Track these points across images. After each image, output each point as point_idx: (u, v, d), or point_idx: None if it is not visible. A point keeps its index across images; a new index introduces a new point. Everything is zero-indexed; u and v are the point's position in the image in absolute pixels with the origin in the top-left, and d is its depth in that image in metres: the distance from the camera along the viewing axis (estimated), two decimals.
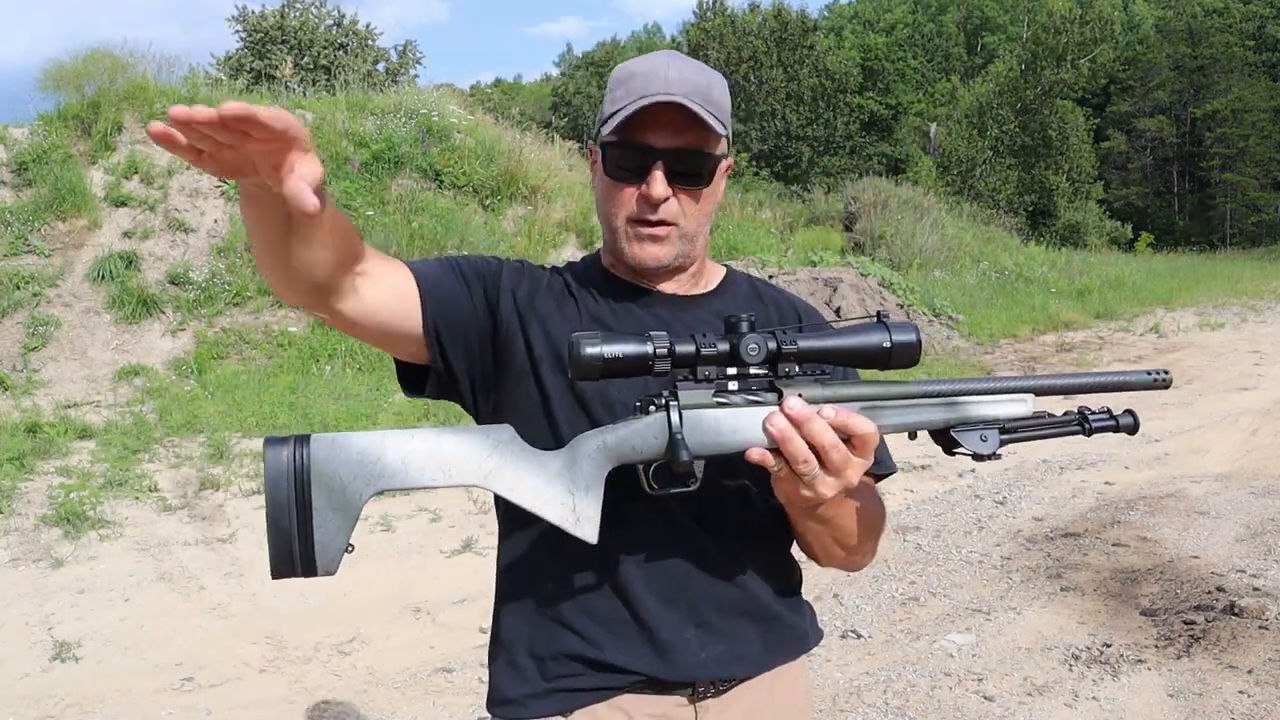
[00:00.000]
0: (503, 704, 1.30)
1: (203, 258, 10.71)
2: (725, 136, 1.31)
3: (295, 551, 0.99)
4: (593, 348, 1.05)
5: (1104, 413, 1.19)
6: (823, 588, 4.66)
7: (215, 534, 5.50)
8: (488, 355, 1.31)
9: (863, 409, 1.11)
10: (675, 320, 1.34)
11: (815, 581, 4.60)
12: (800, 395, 1.09)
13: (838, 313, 12.18)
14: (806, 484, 1.08)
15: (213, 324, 10.05)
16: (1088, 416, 1.17)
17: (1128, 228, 35.84)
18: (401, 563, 5.08)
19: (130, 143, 11.42)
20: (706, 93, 1.26)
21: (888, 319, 1.11)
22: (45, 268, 10.01)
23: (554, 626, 1.28)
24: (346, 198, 11.61)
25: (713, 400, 1.09)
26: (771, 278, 12.49)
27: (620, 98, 1.27)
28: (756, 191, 21.34)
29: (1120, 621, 4.18)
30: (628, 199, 1.28)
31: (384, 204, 11.73)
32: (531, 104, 41.73)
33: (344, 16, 27.31)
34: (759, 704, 1.32)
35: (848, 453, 1.08)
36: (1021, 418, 1.16)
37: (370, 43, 27.41)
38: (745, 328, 1.09)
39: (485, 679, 1.37)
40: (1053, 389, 1.18)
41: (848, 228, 17.00)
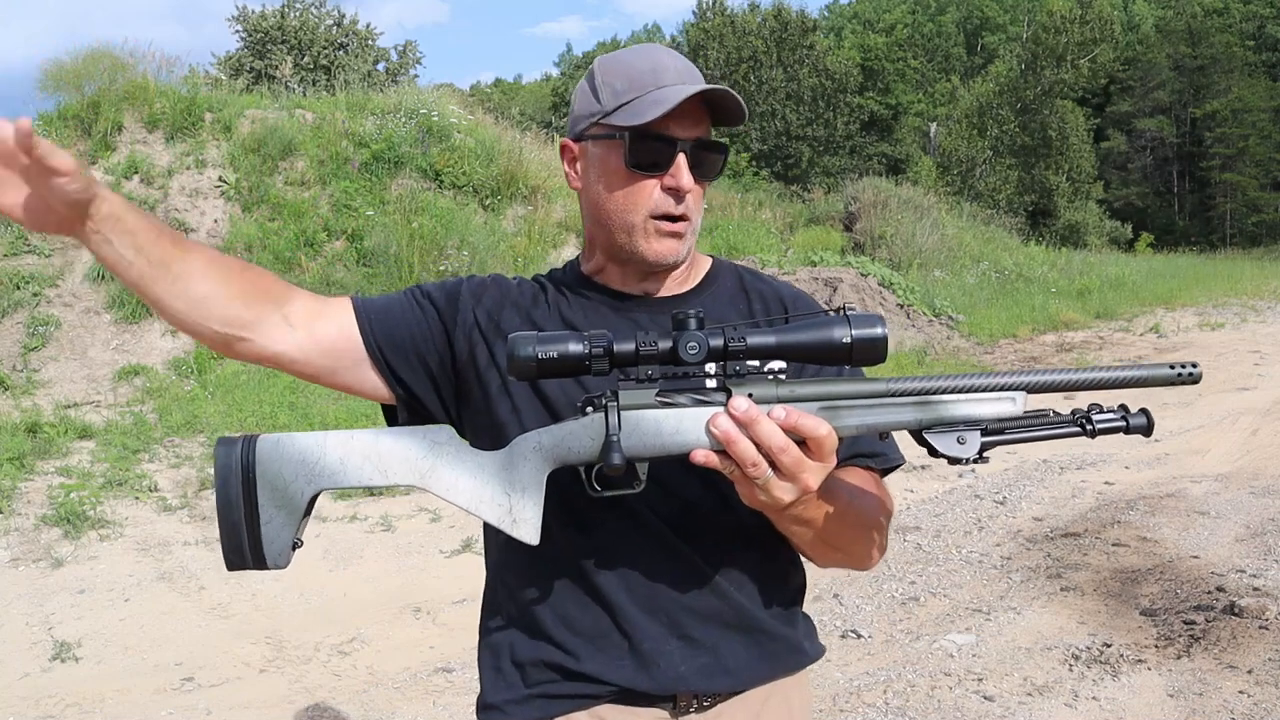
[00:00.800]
0: (486, 709, 1.29)
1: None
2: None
3: (245, 545, 1.04)
4: (526, 348, 1.02)
5: (1111, 412, 1.06)
6: (823, 588, 4.66)
7: (215, 534, 5.49)
8: (448, 374, 1.28)
9: (820, 409, 1.03)
10: (653, 324, 1.28)
11: (815, 582, 4.59)
12: (750, 395, 1.02)
13: (838, 313, 12.19)
14: (760, 488, 1.02)
15: None
16: (1091, 416, 1.05)
17: (1128, 228, 35.84)
18: (401, 563, 5.08)
19: (130, 143, 11.42)
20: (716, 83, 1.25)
21: (851, 311, 1.05)
22: (45, 268, 10.02)
23: (534, 634, 1.25)
24: (347, 197, 11.62)
25: (655, 400, 1.04)
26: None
27: (624, 90, 1.22)
28: (756, 191, 21.33)
29: (1120, 621, 4.17)
30: (648, 192, 1.23)
31: (384, 204, 11.73)
32: (531, 104, 41.73)
33: (344, 16, 27.32)
34: None
35: (801, 456, 1.01)
36: (1008, 418, 1.06)
37: (370, 43, 27.42)
38: (693, 324, 1.03)
39: None
40: (1050, 385, 1.06)
41: (848, 228, 17.00)
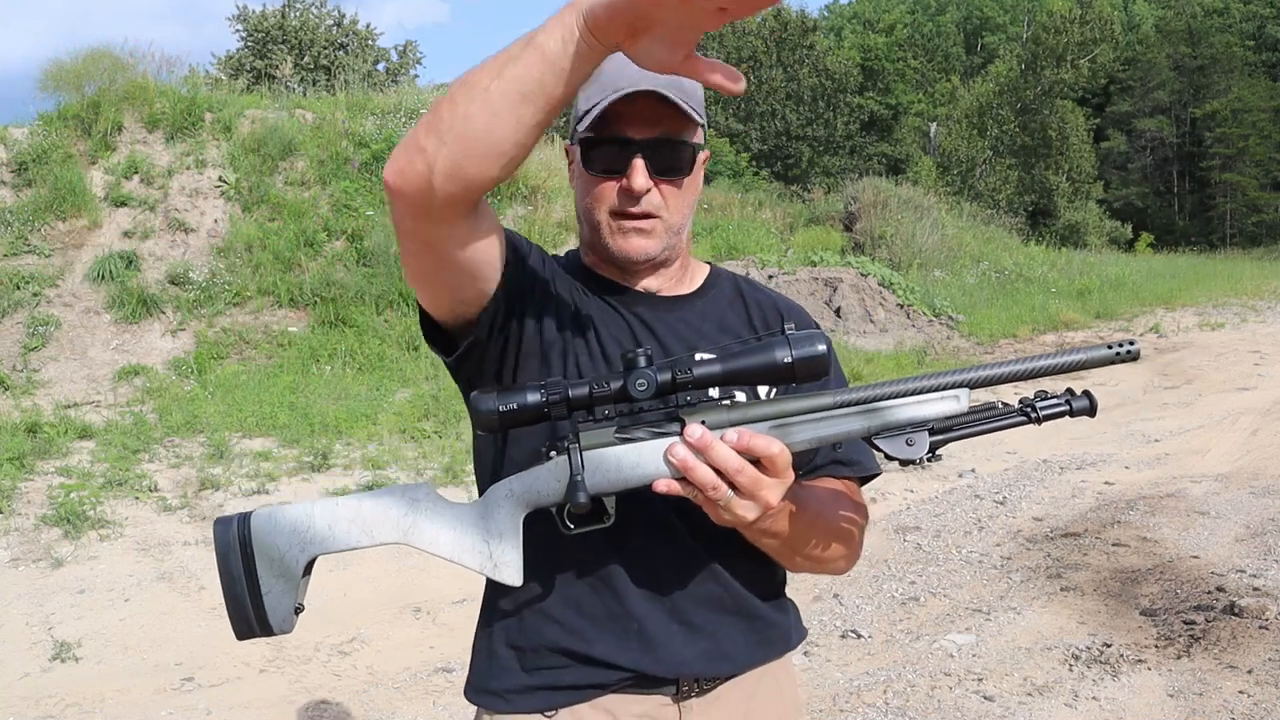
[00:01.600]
0: (483, 693, 1.31)
1: (203, 258, 10.72)
2: (701, 125, 1.29)
3: (250, 616, 1.11)
4: (487, 403, 1.07)
5: (1055, 397, 1.10)
6: (823, 588, 4.66)
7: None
8: (512, 329, 1.29)
9: (772, 428, 1.08)
10: (658, 322, 1.33)
11: (815, 581, 4.60)
12: (704, 421, 1.07)
13: (838, 313, 12.20)
14: (723, 508, 1.07)
15: (213, 324, 10.05)
16: (1035, 404, 1.09)
17: (1128, 228, 35.83)
18: (401, 563, 5.08)
19: (130, 143, 11.43)
20: (679, 82, 1.21)
21: (791, 331, 1.08)
22: (45, 268, 10.02)
23: (539, 618, 1.28)
24: (347, 197, 11.62)
25: (614, 438, 1.09)
26: (771, 278, 12.50)
27: (593, 94, 1.24)
28: (756, 191, 21.32)
29: (1120, 621, 4.18)
30: (608, 193, 1.27)
31: (384, 204, 11.72)
32: None
33: (344, 16, 27.36)
34: (743, 703, 1.32)
35: (757, 474, 1.05)
36: (954, 415, 1.10)
37: (370, 43, 27.44)
38: (642, 363, 1.07)
39: None
40: (990, 379, 1.10)
41: (848, 228, 16.99)
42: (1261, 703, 3.39)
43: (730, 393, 1.14)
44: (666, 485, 1.06)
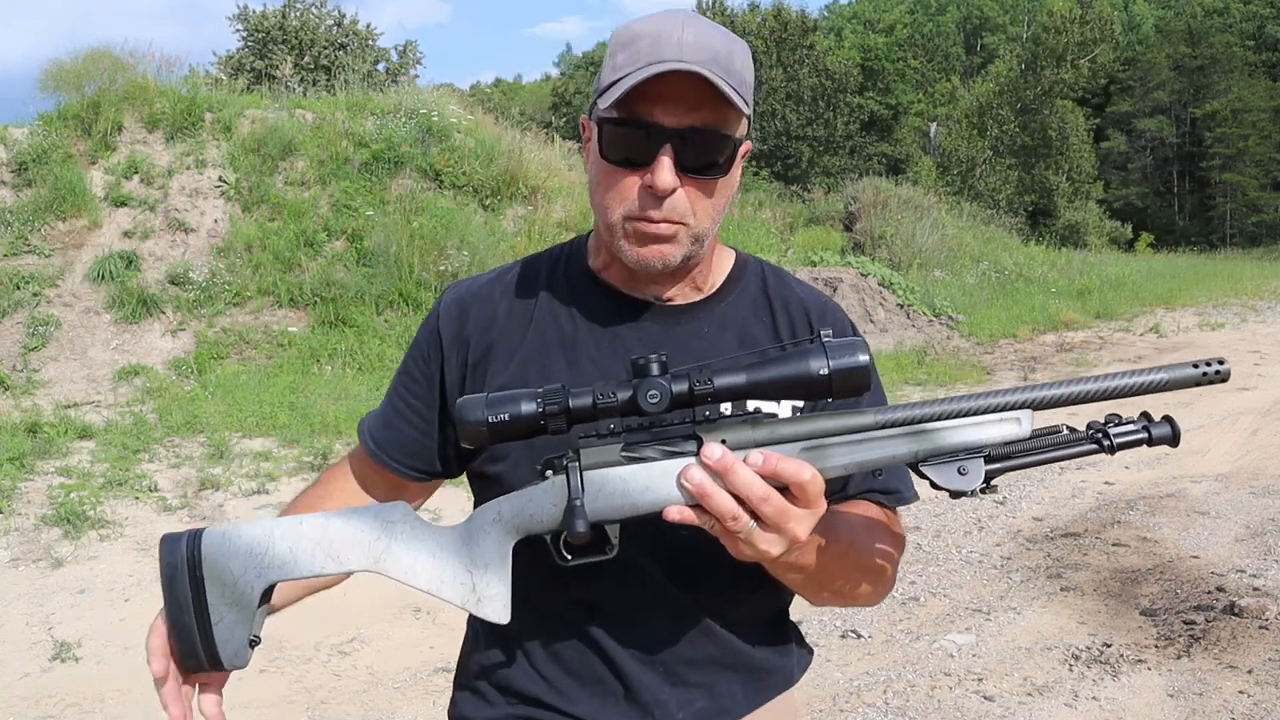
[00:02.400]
0: None
1: (203, 258, 10.71)
2: (747, 116, 1.10)
3: (198, 648, 0.99)
4: (475, 412, 0.94)
5: (1130, 423, 0.95)
6: None
7: None
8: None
9: (803, 450, 0.94)
10: (667, 337, 1.17)
11: None
12: (724, 440, 0.93)
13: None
14: (744, 542, 0.92)
15: (213, 324, 10.05)
16: (1108, 430, 0.94)
17: (1128, 228, 35.84)
18: None
19: (130, 143, 11.42)
20: (728, 62, 1.05)
21: (828, 338, 0.93)
22: (45, 268, 10.02)
23: (522, 666, 1.19)
24: (347, 197, 11.62)
25: (620, 457, 0.95)
26: None
27: (623, 64, 1.05)
28: (756, 191, 21.32)
29: (1120, 621, 4.18)
30: (628, 190, 1.08)
31: (384, 204, 11.73)
32: (531, 104, 41.73)
33: (344, 16, 27.35)
34: None
35: (784, 504, 0.91)
36: (1015, 441, 0.95)
37: (371, 43, 27.43)
38: (654, 369, 0.93)
39: None
40: (1058, 399, 0.94)
41: (848, 228, 17.00)
42: (1261, 703, 3.39)
43: (755, 408, 0.98)
44: (679, 513, 0.92)
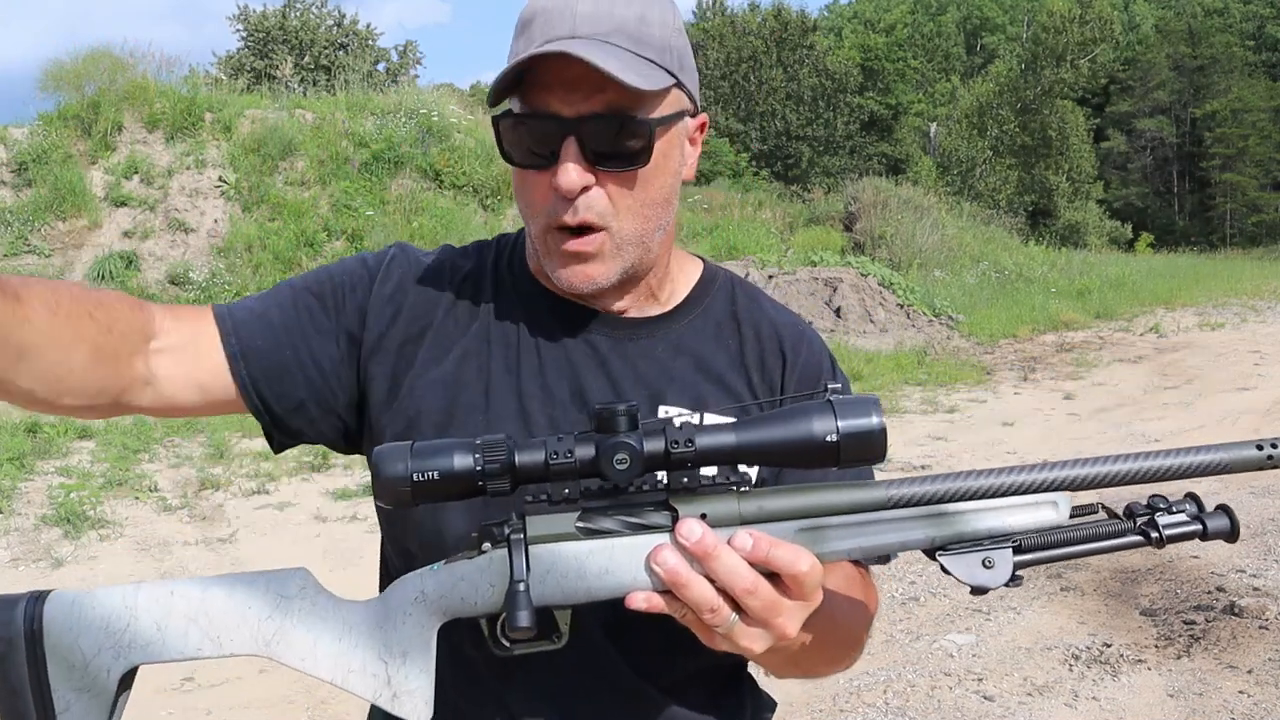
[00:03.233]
0: None
1: (203, 258, 10.72)
2: (678, 86, 0.94)
3: None
4: (395, 466, 0.76)
5: (1180, 513, 0.81)
6: None
7: (215, 534, 5.50)
8: (352, 411, 1.02)
9: (800, 531, 0.78)
10: (615, 354, 1.00)
11: None
12: (704, 515, 0.77)
13: (838, 313, 12.18)
14: (722, 635, 0.77)
15: None
16: (1156, 520, 0.81)
17: (1128, 228, 35.88)
18: None
19: (130, 143, 11.43)
20: (638, 29, 0.91)
21: (838, 396, 0.78)
22: (45, 268, 10.02)
23: None
24: (347, 197, 11.63)
25: (576, 529, 0.79)
26: (771, 278, 12.48)
27: (518, 50, 0.91)
28: (756, 191, 21.35)
29: (1120, 621, 4.18)
30: (541, 194, 0.93)
31: (384, 204, 11.74)
32: None
33: (344, 16, 27.37)
34: None
35: (775, 596, 0.76)
36: (1050, 528, 0.80)
37: (371, 43, 27.46)
38: (623, 423, 0.76)
39: None
40: (1099, 479, 0.79)
41: (848, 228, 17.00)
42: (1261, 703, 3.39)
43: (741, 474, 0.81)
44: (646, 601, 0.76)
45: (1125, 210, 40.48)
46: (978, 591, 0.80)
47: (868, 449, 0.76)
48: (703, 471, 0.79)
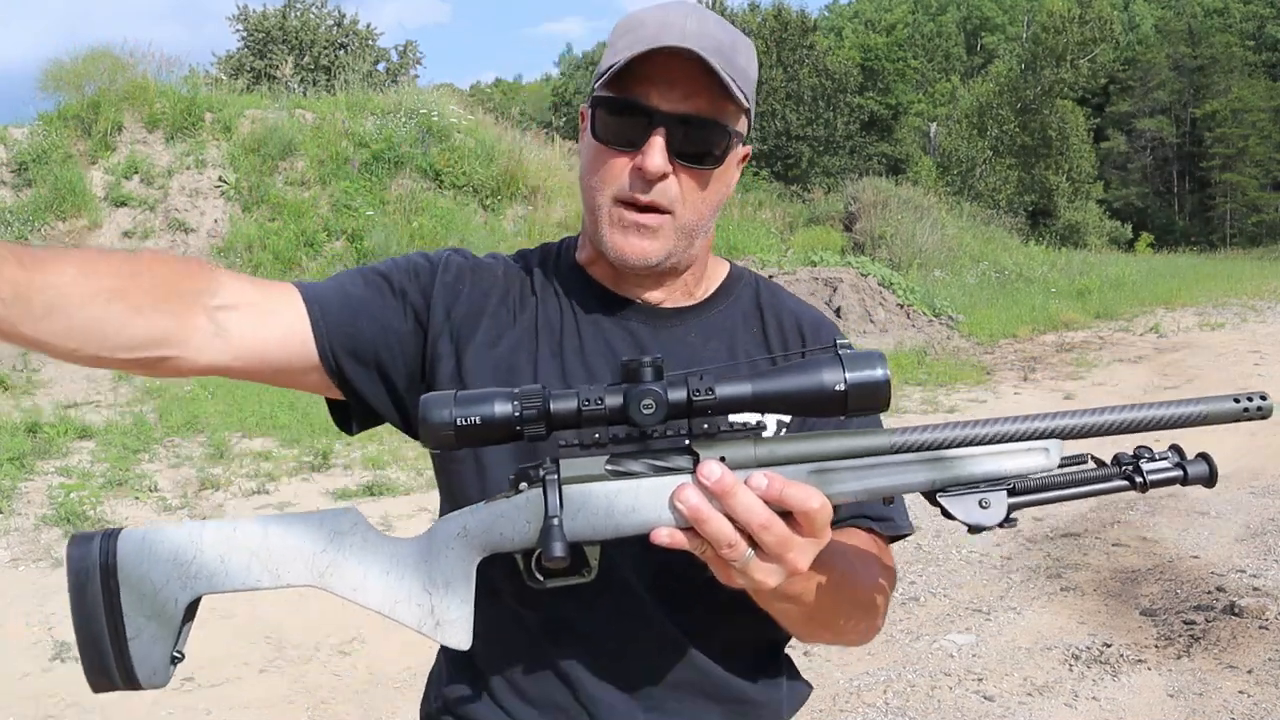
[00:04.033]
0: None
1: (203, 257, 10.72)
2: (747, 112, 1.07)
3: (110, 664, 0.89)
4: (441, 412, 0.84)
5: (1163, 459, 0.89)
6: None
7: None
8: (417, 387, 1.11)
9: (811, 473, 0.86)
10: (653, 339, 1.12)
11: None
12: (723, 458, 0.85)
13: (838, 313, 12.19)
14: (738, 571, 0.85)
15: None
16: (1140, 465, 0.88)
17: (1128, 228, 35.84)
18: None
19: (130, 143, 11.43)
20: (731, 54, 1.03)
21: (846, 349, 0.86)
22: None
23: (486, 700, 1.12)
24: (347, 197, 11.63)
25: (605, 470, 0.87)
26: (771, 278, 12.47)
27: (623, 48, 1.03)
28: (756, 191, 21.35)
29: (1120, 621, 4.18)
30: (617, 172, 1.05)
31: (384, 204, 11.74)
32: (531, 104, 41.71)
33: (344, 16, 27.36)
34: None
35: (787, 533, 0.83)
36: (1042, 473, 0.88)
37: (371, 43, 27.45)
38: (649, 374, 0.84)
39: None
40: (1089, 429, 0.88)
41: (848, 228, 17.00)
42: (1261, 703, 3.39)
43: (758, 421, 0.90)
44: (669, 536, 0.84)
45: (1125, 210, 40.46)
46: (975, 530, 0.87)
47: (873, 398, 0.84)
48: (729, 419, 0.87)
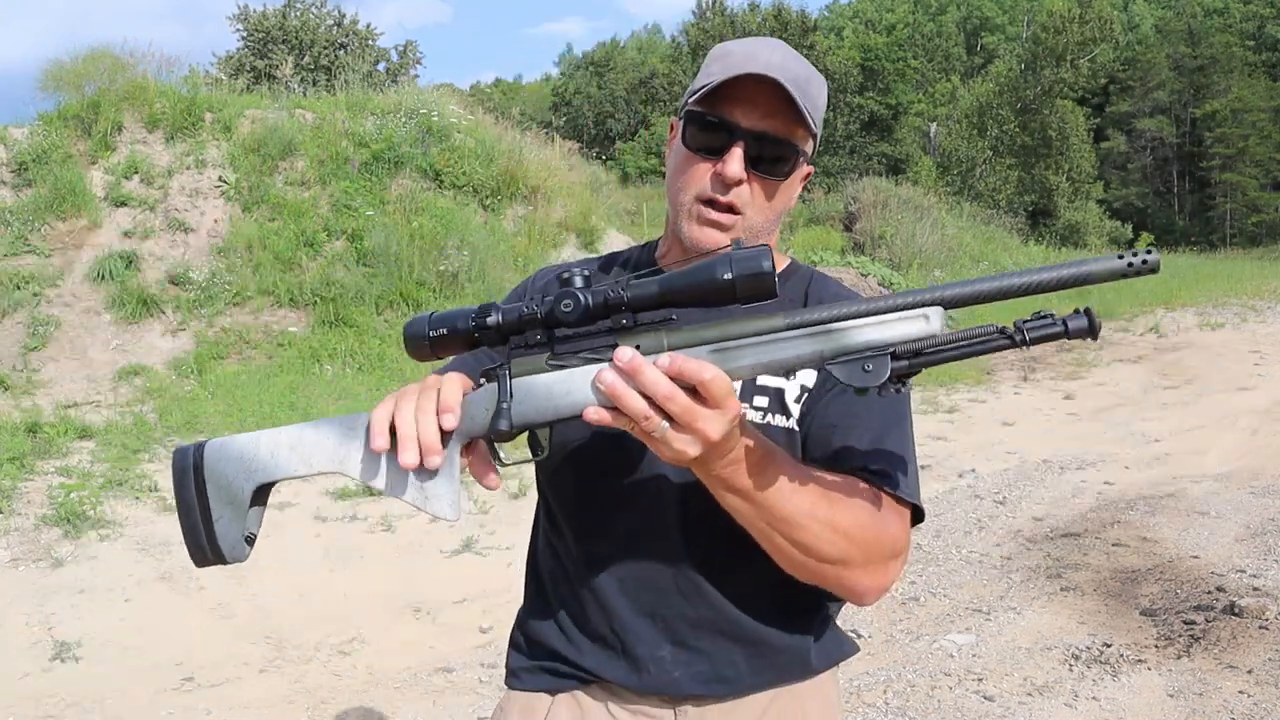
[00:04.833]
0: (508, 675, 1.40)
1: (203, 258, 10.71)
2: (815, 136, 1.26)
3: (204, 542, 1.09)
4: (418, 328, 1.07)
5: (1045, 316, 0.95)
6: None
7: None
8: None
9: (711, 352, 0.99)
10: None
11: None
12: (638, 346, 0.99)
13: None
14: (660, 442, 0.97)
15: (213, 324, 10.05)
16: (1021, 325, 0.94)
17: (1128, 228, 35.83)
18: (401, 563, 5.08)
19: (130, 143, 11.42)
20: (806, 85, 1.22)
21: (735, 250, 0.98)
22: (45, 268, 10.01)
23: (547, 621, 1.34)
24: (347, 197, 11.62)
25: (546, 364, 1.04)
26: None
27: (715, 70, 1.22)
28: None
29: (1120, 621, 4.18)
30: (700, 175, 1.24)
31: (384, 204, 11.73)
32: (531, 104, 41.69)
33: (344, 16, 27.35)
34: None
35: (690, 403, 0.95)
36: (922, 338, 0.96)
37: (371, 43, 27.44)
38: (578, 282, 1.01)
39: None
40: (970, 297, 0.98)
41: (848, 228, 17.00)
42: (1261, 703, 3.39)
43: (672, 316, 1.04)
44: (596, 414, 0.98)
45: (1125, 210, 40.44)
46: (862, 390, 0.96)
47: (758, 287, 0.97)
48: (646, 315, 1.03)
